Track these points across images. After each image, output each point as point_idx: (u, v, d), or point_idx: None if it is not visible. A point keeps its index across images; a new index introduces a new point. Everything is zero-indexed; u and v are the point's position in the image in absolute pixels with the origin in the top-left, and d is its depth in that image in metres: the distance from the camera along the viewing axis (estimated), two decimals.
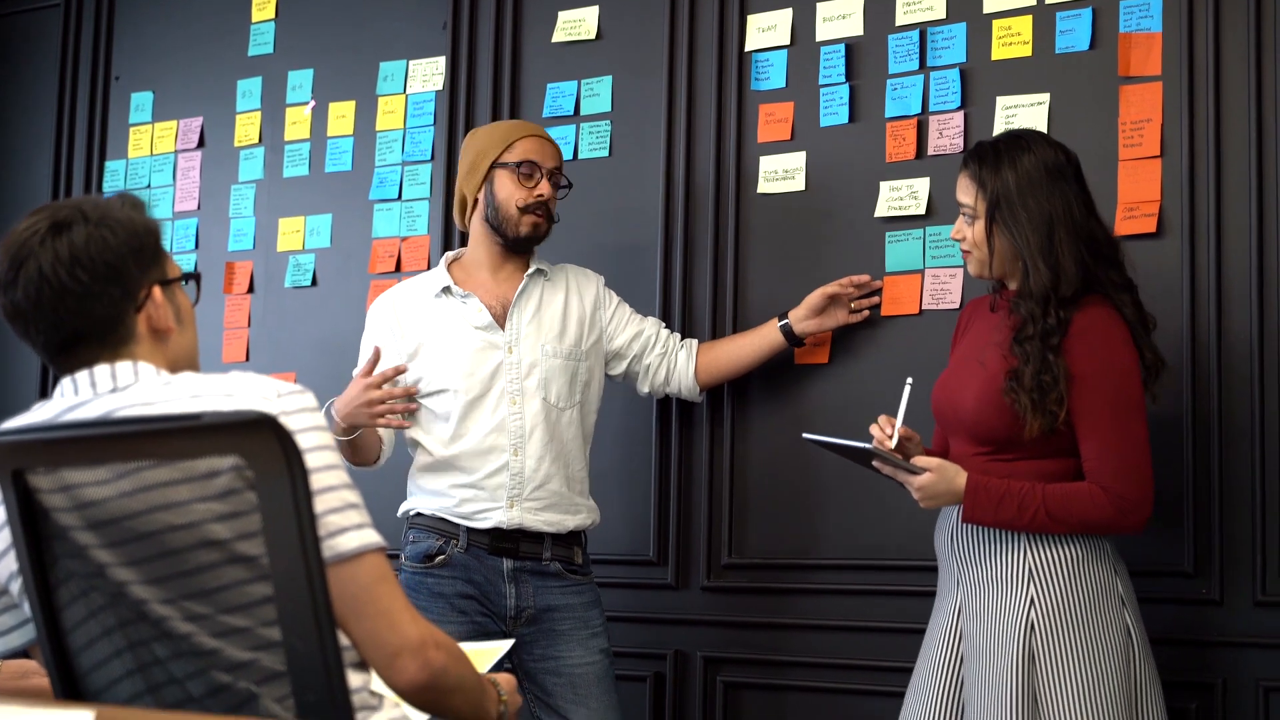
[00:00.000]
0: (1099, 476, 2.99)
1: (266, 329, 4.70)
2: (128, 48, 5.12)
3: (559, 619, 3.58)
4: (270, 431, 1.86)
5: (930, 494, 3.05)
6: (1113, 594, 3.02)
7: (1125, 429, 2.99)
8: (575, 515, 3.65)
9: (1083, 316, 3.02)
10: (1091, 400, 2.99)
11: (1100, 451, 2.99)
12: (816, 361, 3.88)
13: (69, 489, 1.97)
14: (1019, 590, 3.00)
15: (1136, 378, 3.04)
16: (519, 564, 3.58)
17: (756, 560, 3.93)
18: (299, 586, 1.88)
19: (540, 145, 3.71)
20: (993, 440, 3.07)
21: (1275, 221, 3.42)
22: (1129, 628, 3.02)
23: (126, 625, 1.99)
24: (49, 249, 2.07)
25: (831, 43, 3.94)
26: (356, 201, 4.60)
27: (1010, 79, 3.71)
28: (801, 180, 3.95)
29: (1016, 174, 3.06)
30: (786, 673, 3.87)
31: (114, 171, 5.08)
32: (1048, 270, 3.02)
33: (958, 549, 3.13)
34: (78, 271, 2.07)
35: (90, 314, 2.10)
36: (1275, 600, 3.36)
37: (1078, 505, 2.98)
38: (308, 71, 4.76)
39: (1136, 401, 3.02)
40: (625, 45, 4.26)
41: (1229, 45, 3.50)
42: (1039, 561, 3.00)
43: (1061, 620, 2.97)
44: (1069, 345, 3.00)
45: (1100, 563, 3.02)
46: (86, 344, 2.11)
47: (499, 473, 3.59)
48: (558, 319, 3.69)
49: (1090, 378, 2.99)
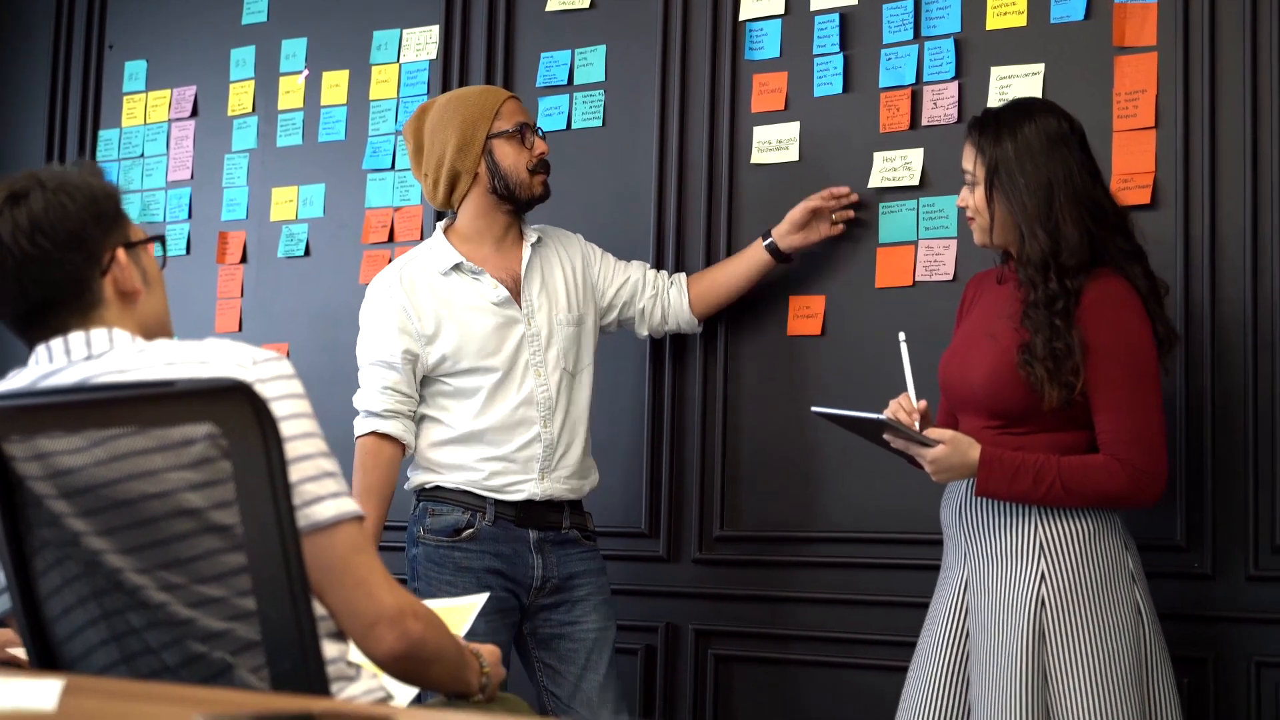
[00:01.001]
0: (1114, 448, 2.96)
1: (259, 299, 4.69)
2: (121, 16, 5.10)
3: (578, 584, 3.61)
4: (244, 398, 1.84)
5: (943, 467, 3.00)
6: (1123, 570, 3.00)
7: (1140, 401, 2.97)
8: (588, 479, 3.70)
9: (1094, 288, 3.00)
10: (1106, 372, 2.97)
11: (1115, 424, 2.96)
12: (810, 333, 3.86)
13: (43, 457, 1.96)
14: (1029, 565, 2.98)
15: (1151, 350, 3.01)
16: (544, 534, 3.60)
17: (749, 533, 3.92)
18: (273, 554, 1.87)
19: (520, 106, 3.73)
20: (1006, 414, 3.04)
21: (1270, 193, 3.39)
22: (1139, 604, 3.00)
23: (101, 594, 1.98)
24: (8, 219, 2.06)
25: (826, 12, 3.91)
26: (350, 171, 4.58)
27: (1005, 49, 3.68)
28: (795, 151, 3.92)
29: (1015, 141, 3.04)
30: (778, 646, 3.86)
31: (107, 140, 5.06)
32: (1046, 236, 2.99)
33: (966, 523, 3.10)
34: (38, 238, 2.06)
35: (54, 280, 2.08)
36: (1267, 575, 3.34)
37: (1093, 477, 2.95)
38: (301, 40, 4.73)
39: (1151, 373, 3.00)
40: (619, 14, 4.23)
41: (1224, 16, 3.47)
42: (1049, 536, 2.98)
43: (1072, 596, 2.95)
44: (1081, 316, 2.98)
45: (1111, 538, 3.00)
46: (55, 311, 2.10)
47: (531, 444, 3.59)
48: (561, 287, 3.69)
49: (1104, 349, 2.97)
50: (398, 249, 4.41)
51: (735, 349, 3.95)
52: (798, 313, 3.88)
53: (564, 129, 4.24)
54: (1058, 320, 2.97)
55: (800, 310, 3.87)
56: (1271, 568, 3.34)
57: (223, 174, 4.81)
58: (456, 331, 3.60)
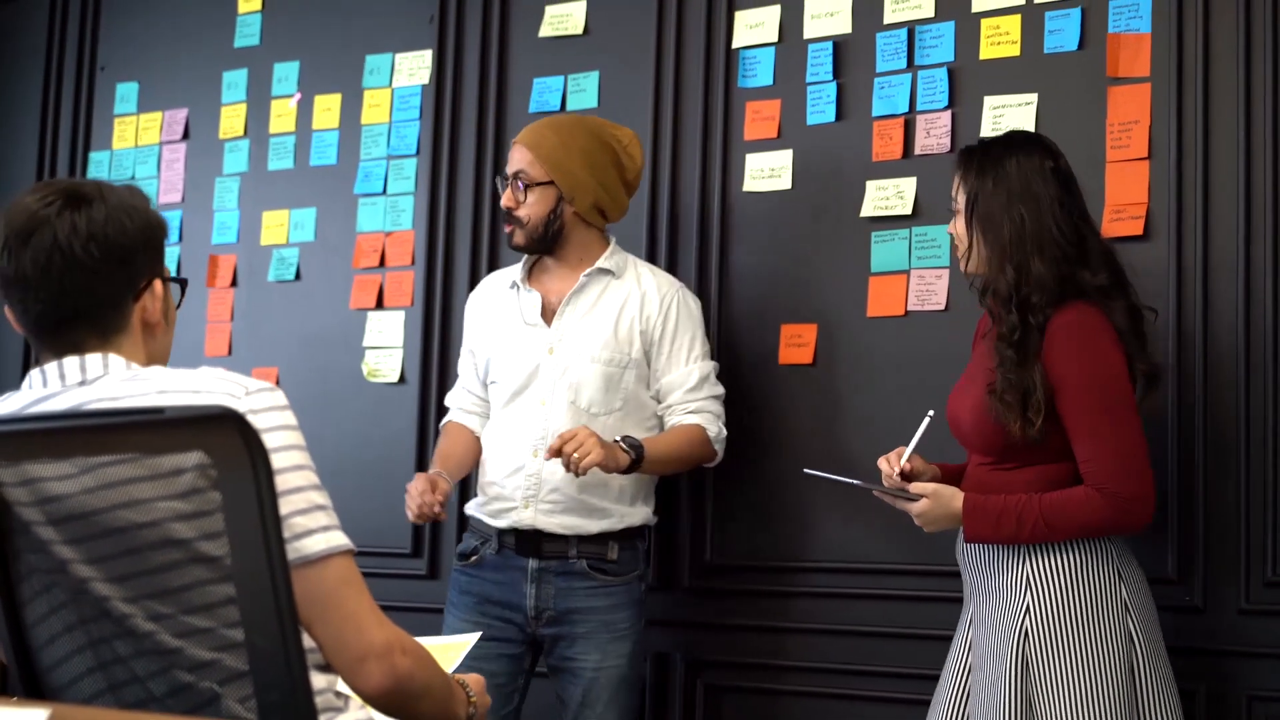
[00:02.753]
0: (1094, 478, 2.97)
1: (249, 323, 4.67)
2: (113, 38, 5.09)
3: (579, 621, 3.54)
4: (234, 427, 1.83)
5: (929, 519, 3.08)
6: (1114, 600, 2.99)
7: (1114, 427, 2.97)
8: (600, 520, 3.57)
9: (1060, 318, 3.00)
10: (1077, 402, 2.97)
11: (1093, 453, 2.97)
12: (801, 362, 3.85)
13: (31, 483, 1.94)
14: (1016, 599, 3.00)
15: (1122, 376, 3.01)
16: (543, 564, 3.56)
17: (740, 562, 3.90)
18: (262, 586, 1.85)
19: (513, 151, 3.69)
20: (992, 450, 3.08)
21: (1263, 225, 3.39)
22: (1132, 634, 2.99)
23: (88, 622, 1.97)
24: (66, 220, 2.06)
25: (819, 40, 3.91)
26: (341, 195, 4.57)
27: (998, 79, 3.68)
28: (788, 179, 3.92)
29: (995, 175, 3.07)
30: (769, 676, 3.84)
31: (98, 162, 5.05)
32: (1013, 271, 3.02)
33: (967, 561, 3.16)
34: (91, 247, 2.06)
35: (93, 293, 2.08)
36: (1260, 609, 3.33)
37: (1075, 511, 2.96)
38: (293, 64, 4.72)
39: (1124, 398, 3.00)
40: (613, 41, 4.23)
41: (1218, 47, 3.47)
42: (1036, 570, 3.00)
43: (1056, 627, 2.96)
44: (1048, 349, 2.99)
45: (1102, 569, 3.00)
46: (80, 325, 2.09)
47: (516, 474, 3.58)
48: (609, 321, 3.62)
49: (1072, 379, 2.97)
50: (389, 274, 4.40)
51: (726, 376, 3.93)
52: (789, 341, 3.87)
53: None
54: (1013, 353, 2.99)
55: (792, 339, 3.86)
56: (1264, 601, 3.33)
57: (214, 197, 4.80)
58: (491, 344, 3.69)
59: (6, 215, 2.08)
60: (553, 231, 3.64)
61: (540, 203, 3.62)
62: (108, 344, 2.10)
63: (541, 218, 3.62)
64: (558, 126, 3.69)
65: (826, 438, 3.80)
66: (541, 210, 3.62)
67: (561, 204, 3.62)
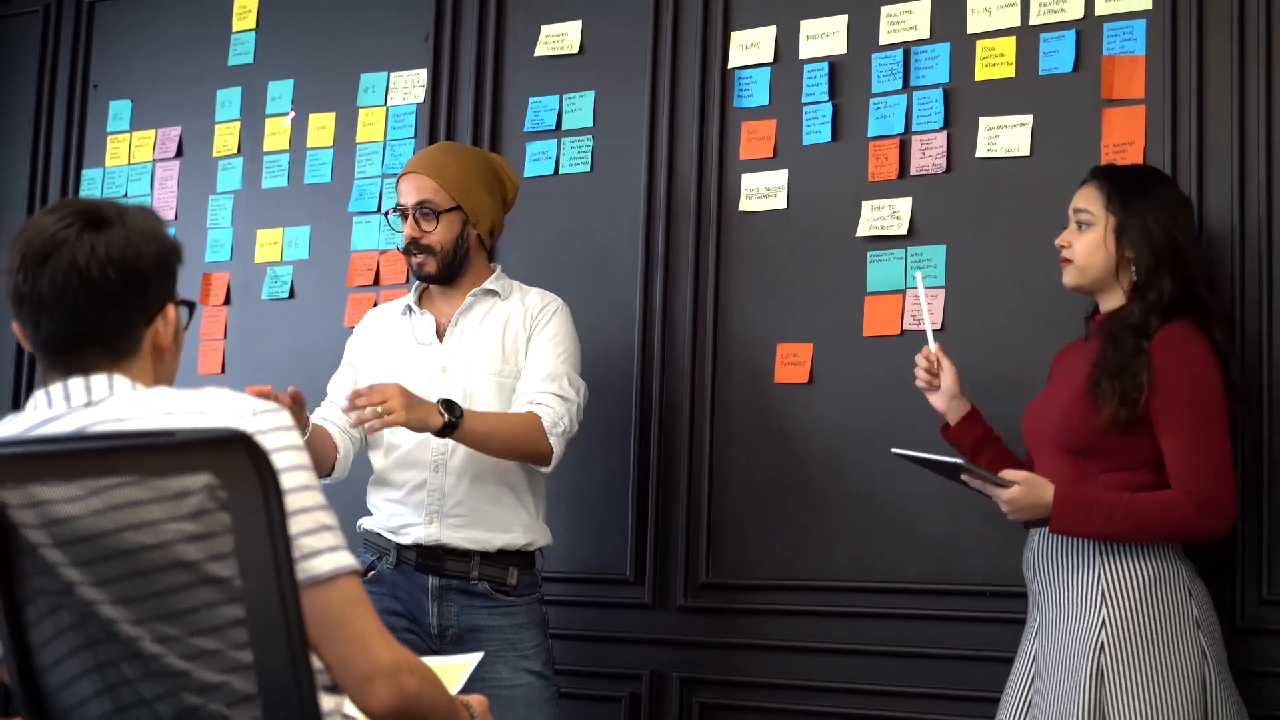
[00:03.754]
0: (1181, 480, 3.06)
1: (243, 341, 4.67)
2: (106, 55, 5.09)
3: (484, 640, 3.50)
4: (244, 449, 1.83)
5: (1019, 506, 3.10)
6: (1186, 616, 3.06)
7: (1204, 432, 3.07)
8: (505, 534, 3.56)
9: (1170, 328, 3.11)
10: (1172, 405, 3.07)
11: (1182, 454, 3.06)
12: (797, 381, 3.86)
13: (38, 505, 1.94)
14: (1091, 612, 3.06)
15: (1217, 385, 3.11)
16: (445, 582, 3.54)
17: (735, 580, 3.90)
18: (271, 607, 1.85)
19: (407, 182, 3.69)
20: (1076, 448, 3.13)
21: (1256, 246, 3.41)
22: (1204, 651, 3.05)
23: (95, 645, 1.96)
24: (85, 243, 2.05)
25: (815, 61, 3.93)
26: (335, 214, 4.57)
27: (993, 100, 3.70)
28: (783, 199, 3.93)
29: (1146, 198, 3.19)
30: (764, 694, 3.84)
31: (90, 180, 5.04)
32: (1172, 285, 3.13)
33: (1039, 571, 3.19)
34: (109, 271, 2.06)
35: (108, 316, 2.08)
36: (1257, 627, 3.34)
37: (1167, 511, 3.04)
38: (288, 82, 4.73)
39: (1217, 405, 3.10)
40: (608, 60, 4.24)
41: (1212, 69, 3.49)
42: (1111, 584, 3.06)
43: (1132, 639, 3.02)
44: (1154, 350, 3.09)
45: (1174, 584, 3.07)
46: (93, 348, 2.09)
47: (419, 489, 3.57)
48: (495, 337, 3.63)
49: (1171, 383, 3.07)
50: (383, 292, 4.41)
51: (722, 396, 3.95)
52: (785, 360, 3.88)
53: (552, 174, 4.25)
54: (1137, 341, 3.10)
55: (787, 358, 3.87)
56: (1260, 620, 3.34)
57: (207, 215, 4.79)
58: (380, 366, 3.66)
59: (24, 234, 2.08)
60: (460, 256, 3.66)
61: (449, 229, 3.64)
62: (117, 366, 2.10)
63: (450, 243, 3.64)
64: (453, 152, 3.75)
65: (822, 457, 3.81)
66: (450, 236, 3.64)
67: (467, 228, 3.65)
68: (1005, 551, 3.53)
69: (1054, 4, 3.64)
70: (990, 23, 3.71)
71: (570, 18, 4.30)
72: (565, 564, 3.98)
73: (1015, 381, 3.56)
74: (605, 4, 4.26)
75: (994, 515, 3.47)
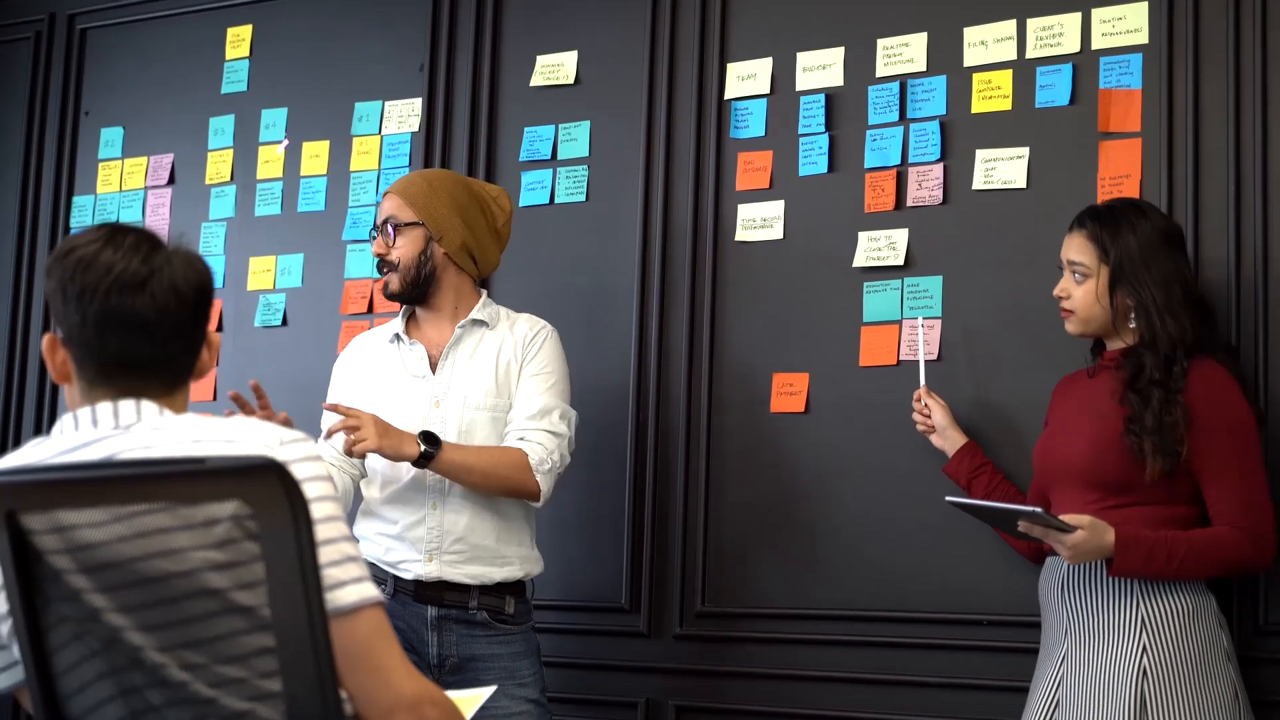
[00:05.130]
0: (1229, 517, 3.11)
1: (236, 368, 4.66)
2: (98, 82, 5.09)
3: (483, 669, 3.51)
4: (276, 478, 1.84)
5: (1082, 551, 3.09)
6: (1218, 648, 3.12)
7: (1248, 469, 3.14)
8: (503, 568, 3.56)
9: (1199, 370, 3.15)
10: (1213, 445, 3.12)
11: (1228, 493, 3.12)
12: (793, 410, 3.87)
13: (63, 531, 1.94)
14: (1131, 638, 3.09)
15: (1253, 424, 3.19)
16: (444, 612, 3.53)
17: (731, 609, 3.91)
18: (301, 636, 1.86)
19: (382, 204, 3.71)
20: (1106, 484, 3.17)
21: (1251, 278, 3.45)
22: (1234, 681, 3.11)
23: (119, 671, 1.97)
24: (178, 266, 2.09)
25: (811, 92, 3.96)
26: (329, 242, 4.58)
27: (990, 132, 3.73)
28: (779, 229, 3.96)
29: (1137, 236, 3.20)
30: None
31: (82, 206, 5.04)
32: (1175, 324, 3.16)
33: (1069, 599, 3.20)
34: (199, 295, 2.12)
35: (190, 338, 2.13)
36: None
37: (1220, 547, 3.10)
38: (281, 110, 4.74)
39: (1254, 439, 3.17)
40: (604, 90, 4.26)
41: (1208, 103, 3.53)
42: (1150, 612, 3.10)
43: (1172, 669, 3.06)
44: (1189, 395, 3.13)
45: (1208, 617, 3.13)
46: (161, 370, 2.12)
47: (417, 526, 3.55)
48: (488, 370, 3.61)
49: (1211, 424, 3.12)
50: (377, 320, 4.41)
51: (719, 425, 3.96)
52: (781, 390, 3.90)
53: (547, 203, 4.26)
54: (1169, 394, 3.13)
55: (783, 388, 3.89)
56: (1255, 649, 3.37)
57: (200, 242, 4.79)
58: (374, 398, 3.63)
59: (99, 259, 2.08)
60: (425, 274, 3.64)
61: (410, 244, 3.64)
62: (171, 392, 2.12)
63: (413, 259, 3.63)
64: (426, 174, 3.76)
65: (818, 486, 3.82)
66: (412, 251, 3.63)
67: (431, 244, 3.64)
68: (1002, 581, 3.55)
69: (1050, 38, 3.68)
70: (987, 56, 3.75)
71: (566, 48, 4.32)
72: (561, 592, 3.99)
73: (1011, 412, 3.59)
74: (601, 34, 4.29)
75: (990, 545, 3.51)
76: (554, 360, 3.65)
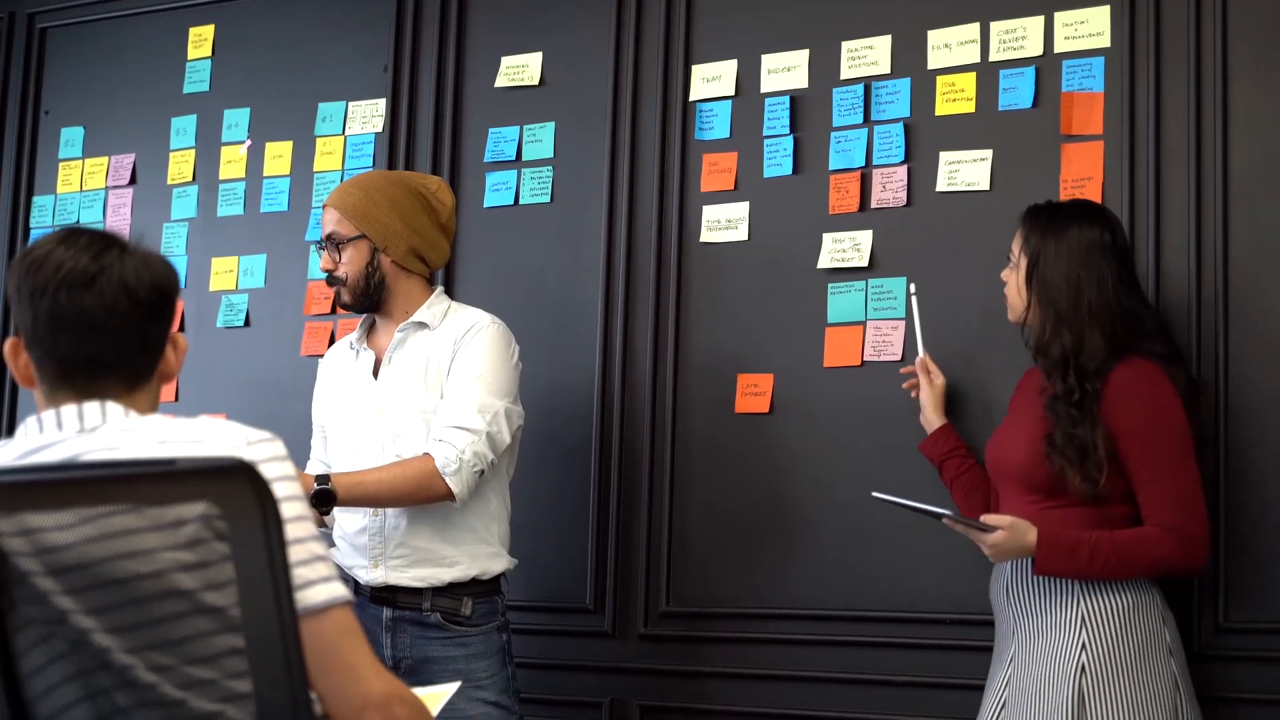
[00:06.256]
0: (1159, 519, 3.11)
1: (198, 369, 4.64)
2: (58, 81, 5.06)
3: (438, 671, 3.48)
4: (246, 479, 1.84)
5: (1002, 551, 3.13)
6: (1160, 644, 3.12)
7: (1179, 471, 3.13)
8: (451, 568, 3.53)
9: (1121, 372, 3.15)
10: (1143, 450, 3.12)
11: (1159, 496, 3.12)
12: (758, 411, 3.88)
13: (30, 534, 1.93)
14: (1071, 635, 3.10)
15: (1182, 421, 3.16)
16: (398, 613, 3.53)
17: (695, 609, 3.92)
18: (271, 637, 1.86)
19: (323, 217, 3.68)
20: (1041, 488, 3.18)
21: (1212, 279, 3.47)
22: (1175, 677, 3.11)
23: (88, 673, 1.95)
24: (129, 264, 2.07)
25: (776, 94, 3.97)
26: (292, 242, 4.57)
27: (954, 134, 3.75)
28: (744, 230, 3.97)
29: (1058, 241, 3.21)
30: None
31: (41, 206, 5.01)
32: (1071, 336, 3.16)
33: (1014, 599, 3.21)
34: (153, 293, 2.09)
35: (145, 337, 2.11)
36: (1211, 654, 3.40)
37: (1145, 548, 3.09)
38: (244, 110, 4.72)
39: (1186, 445, 3.16)
40: (569, 92, 4.26)
41: (1169, 106, 3.56)
42: (1091, 609, 3.11)
43: (1111, 664, 3.07)
44: (1109, 404, 3.13)
45: (1149, 613, 3.13)
46: (116, 374, 2.10)
47: (361, 533, 3.56)
48: (420, 371, 3.58)
49: (1139, 429, 3.12)
50: (340, 321, 4.40)
51: (684, 425, 3.97)
52: (745, 390, 3.91)
53: (512, 204, 4.26)
54: (1075, 412, 3.13)
55: (748, 388, 3.90)
56: (1216, 646, 3.40)
57: (161, 243, 4.77)
58: (327, 403, 3.69)
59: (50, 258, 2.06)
60: (374, 284, 3.62)
61: (356, 258, 3.61)
62: (132, 392, 2.11)
63: (360, 272, 3.61)
64: (361, 182, 3.69)
65: (783, 487, 3.83)
66: (358, 265, 3.61)
67: (377, 255, 3.61)
68: (965, 580, 3.57)
69: (1014, 41, 3.70)
70: (951, 59, 3.77)
71: (531, 49, 4.32)
72: (525, 592, 3.99)
73: (976, 413, 3.61)
74: (566, 36, 4.29)
75: (954, 544, 3.52)
76: (487, 352, 3.56)
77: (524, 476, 3.85)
